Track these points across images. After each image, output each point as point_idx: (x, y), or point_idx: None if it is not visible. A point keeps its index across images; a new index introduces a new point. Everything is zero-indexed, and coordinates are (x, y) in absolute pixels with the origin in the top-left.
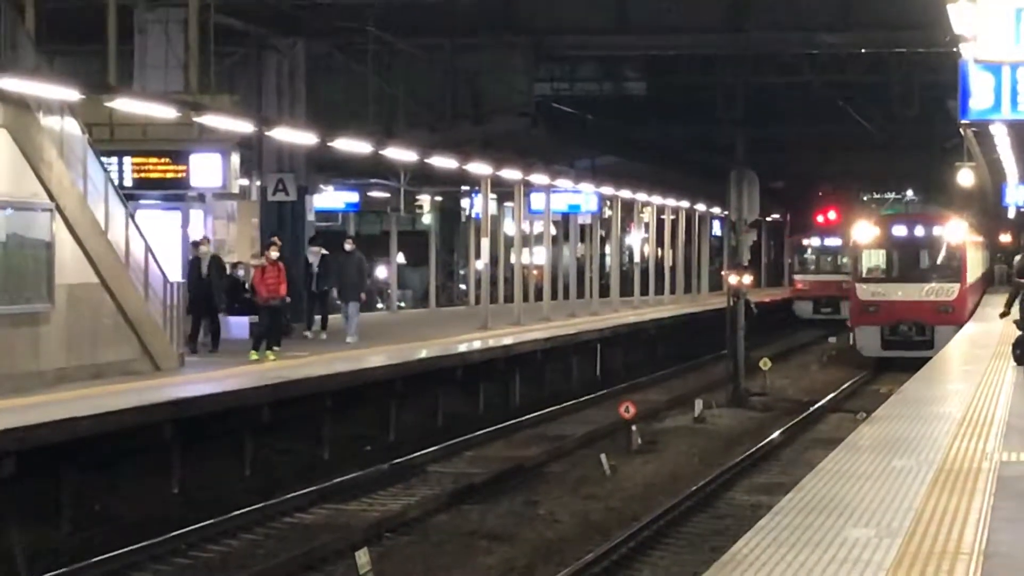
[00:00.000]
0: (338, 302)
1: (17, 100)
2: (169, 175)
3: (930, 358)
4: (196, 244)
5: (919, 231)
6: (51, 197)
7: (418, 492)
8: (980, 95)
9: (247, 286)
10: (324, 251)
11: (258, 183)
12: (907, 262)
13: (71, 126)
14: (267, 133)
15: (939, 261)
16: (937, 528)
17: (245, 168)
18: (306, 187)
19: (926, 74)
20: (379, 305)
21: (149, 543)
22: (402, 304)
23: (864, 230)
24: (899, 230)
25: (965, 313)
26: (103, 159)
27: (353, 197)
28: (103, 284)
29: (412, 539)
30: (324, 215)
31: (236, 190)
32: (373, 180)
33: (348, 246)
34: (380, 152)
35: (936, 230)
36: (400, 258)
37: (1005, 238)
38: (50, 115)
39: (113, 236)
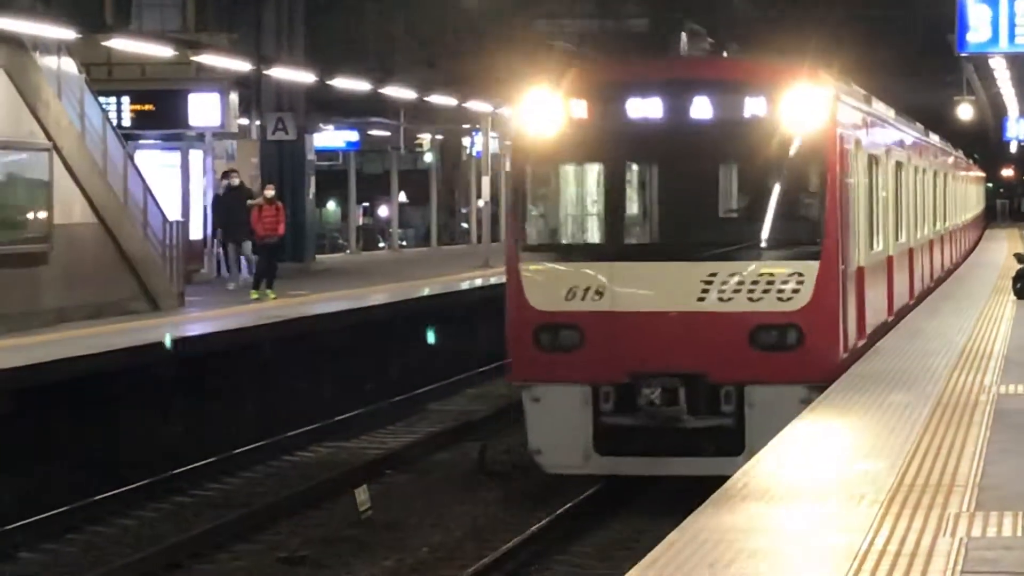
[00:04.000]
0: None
1: (13, 40)
2: (168, 115)
3: (729, 476)
4: None
5: (701, 111)
6: (49, 137)
7: (419, 430)
8: (978, 28)
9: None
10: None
11: (257, 122)
12: (670, 204)
13: (68, 66)
14: (266, 72)
15: (767, 201)
16: (933, 461)
17: (244, 107)
18: (305, 126)
19: (927, 8)
20: (381, 244)
21: (148, 482)
22: (404, 243)
23: (541, 108)
24: (643, 108)
25: (839, 348)
26: (101, 99)
27: (353, 136)
28: (102, 224)
29: (412, 476)
30: (324, 154)
31: (235, 129)
32: (373, 119)
33: (235, 180)
34: (379, 90)
35: (752, 108)
36: (401, 197)
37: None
38: (47, 55)
39: (111, 176)
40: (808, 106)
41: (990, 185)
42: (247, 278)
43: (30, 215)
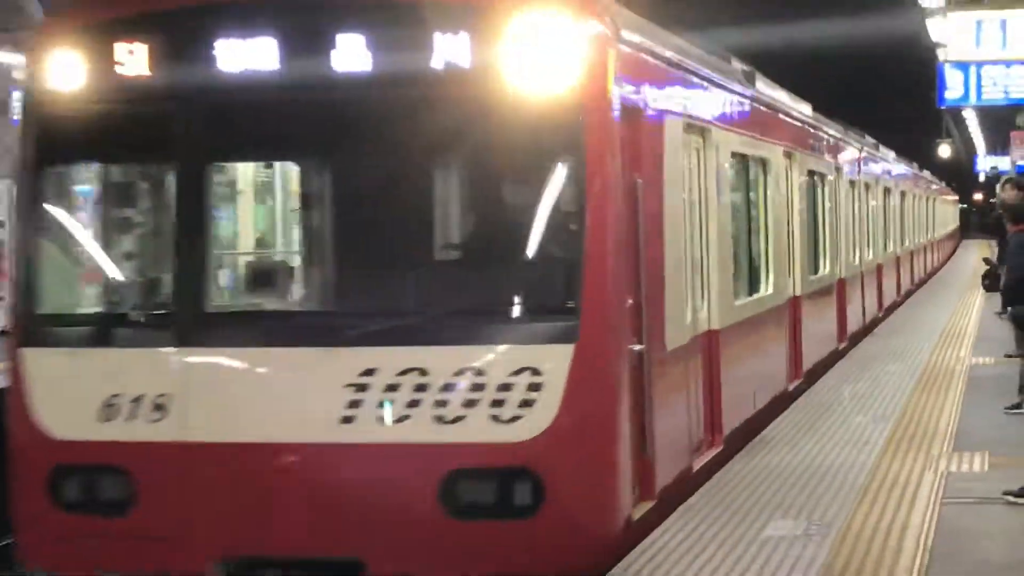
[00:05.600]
0: None
1: None
2: None
3: None
4: None
5: (351, 60)
6: None
7: None
8: (953, 87)
9: None
10: None
11: None
12: (294, 238)
13: None
14: None
15: (471, 231)
16: (920, 415)
17: None
18: None
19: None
20: None
21: None
22: None
23: (61, 63)
24: (242, 56)
25: (615, 507)
26: None
27: None
28: None
29: None
30: None
31: None
32: None
33: None
34: None
35: (447, 51)
36: None
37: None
38: None
39: None
40: (552, 49)
41: (964, 206)
42: None
43: None
